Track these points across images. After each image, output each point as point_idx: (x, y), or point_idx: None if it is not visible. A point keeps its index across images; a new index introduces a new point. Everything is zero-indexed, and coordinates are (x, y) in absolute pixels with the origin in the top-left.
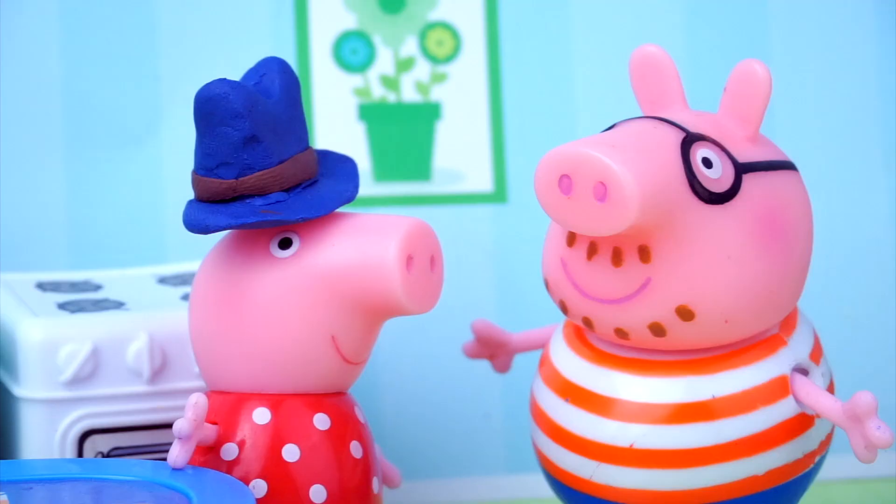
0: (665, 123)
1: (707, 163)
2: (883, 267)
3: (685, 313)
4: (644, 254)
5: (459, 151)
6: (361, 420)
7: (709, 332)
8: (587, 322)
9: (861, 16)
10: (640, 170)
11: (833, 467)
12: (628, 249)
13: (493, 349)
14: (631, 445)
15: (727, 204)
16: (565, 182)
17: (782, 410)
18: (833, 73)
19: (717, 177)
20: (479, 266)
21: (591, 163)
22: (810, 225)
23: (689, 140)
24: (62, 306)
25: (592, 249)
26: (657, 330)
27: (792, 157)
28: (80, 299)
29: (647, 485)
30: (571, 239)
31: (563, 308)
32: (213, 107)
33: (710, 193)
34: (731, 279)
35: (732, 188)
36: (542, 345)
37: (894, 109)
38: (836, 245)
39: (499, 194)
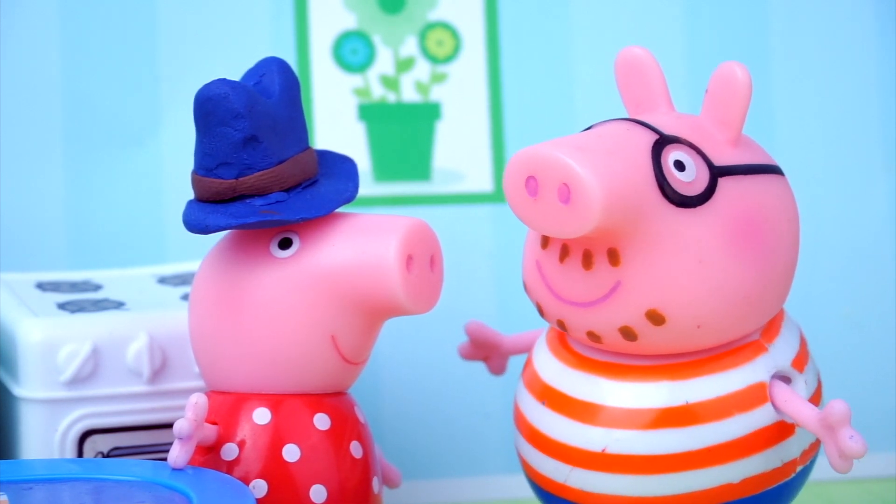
0: (639, 125)
1: (679, 165)
2: (883, 267)
3: (656, 317)
4: (613, 257)
5: (459, 151)
6: (361, 420)
7: (681, 338)
8: (561, 325)
9: (861, 16)
10: (605, 172)
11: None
12: (598, 252)
13: (486, 351)
14: (603, 450)
15: (700, 207)
16: (532, 183)
17: (760, 418)
18: (833, 74)
19: (690, 180)
20: (478, 266)
21: (556, 164)
22: (796, 230)
23: (662, 142)
24: (62, 306)
25: (564, 252)
26: (628, 334)
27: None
28: (80, 299)
29: (619, 490)
30: (545, 241)
31: (540, 310)
32: (213, 107)
33: (681, 197)
34: (703, 284)
35: (706, 191)
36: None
37: (894, 109)
38: (836, 245)
39: (499, 194)
